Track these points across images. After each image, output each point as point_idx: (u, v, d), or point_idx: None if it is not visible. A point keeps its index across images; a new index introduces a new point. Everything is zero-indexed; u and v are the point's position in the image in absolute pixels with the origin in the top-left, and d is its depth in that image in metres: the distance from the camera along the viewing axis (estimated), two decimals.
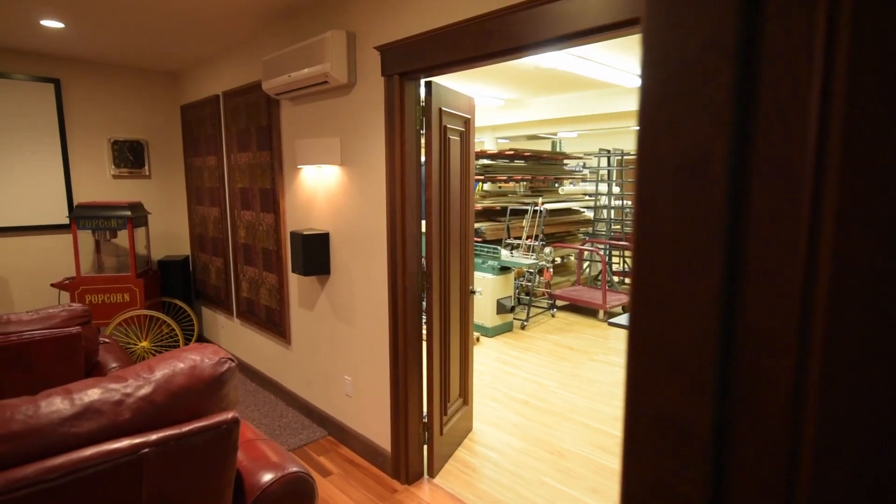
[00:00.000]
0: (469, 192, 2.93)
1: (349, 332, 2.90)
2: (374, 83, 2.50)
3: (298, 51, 2.69)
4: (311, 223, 3.10)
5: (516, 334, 5.18)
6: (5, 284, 3.92)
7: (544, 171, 6.79)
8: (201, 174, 4.34)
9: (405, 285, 2.51)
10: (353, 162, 2.70)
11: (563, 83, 5.17)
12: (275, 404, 3.54)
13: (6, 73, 3.80)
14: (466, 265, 2.97)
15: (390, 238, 2.50)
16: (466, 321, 3.01)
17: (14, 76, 3.83)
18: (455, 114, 2.68)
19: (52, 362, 2.21)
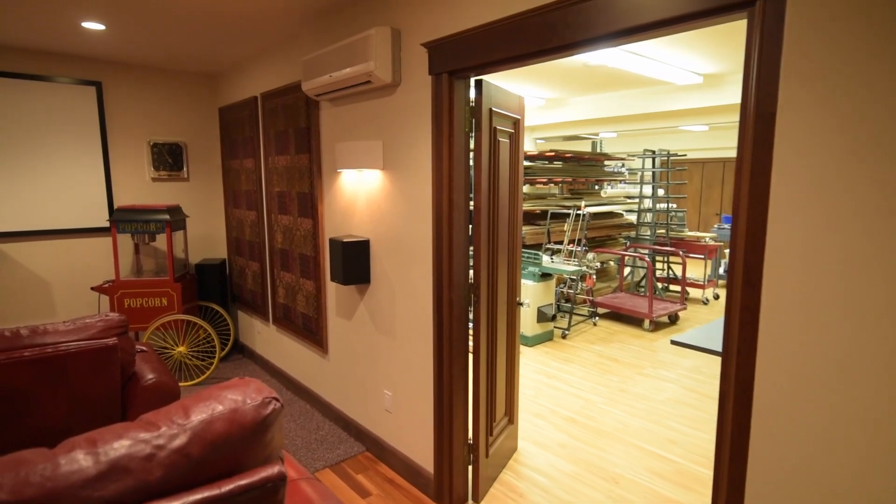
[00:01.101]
0: (518, 197, 2.75)
1: (389, 345, 2.75)
2: (420, 82, 2.35)
3: (340, 49, 2.56)
4: (351, 230, 2.97)
5: (557, 344, 4.96)
6: (48, 287, 3.95)
7: (585, 173, 6.53)
8: (238, 177, 4.29)
9: (451, 298, 2.34)
10: (396, 166, 2.56)
11: (609, 81, 4.92)
12: (311, 415, 3.44)
13: (51, 77, 3.82)
14: (514, 275, 2.79)
15: (436, 248, 2.34)
16: (513, 334, 2.83)
17: (58, 79, 3.85)
18: (505, 114, 2.50)
19: (88, 374, 2.14)
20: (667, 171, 6.60)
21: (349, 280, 2.77)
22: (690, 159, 10.60)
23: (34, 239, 3.87)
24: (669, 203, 6.80)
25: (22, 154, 3.75)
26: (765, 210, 1.29)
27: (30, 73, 3.73)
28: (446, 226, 2.30)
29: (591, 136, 7.40)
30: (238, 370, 4.28)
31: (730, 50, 3.80)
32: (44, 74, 3.79)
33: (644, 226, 6.81)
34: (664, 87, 5.14)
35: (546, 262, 5.00)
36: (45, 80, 3.80)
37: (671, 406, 3.60)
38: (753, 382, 1.34)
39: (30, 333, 2.10)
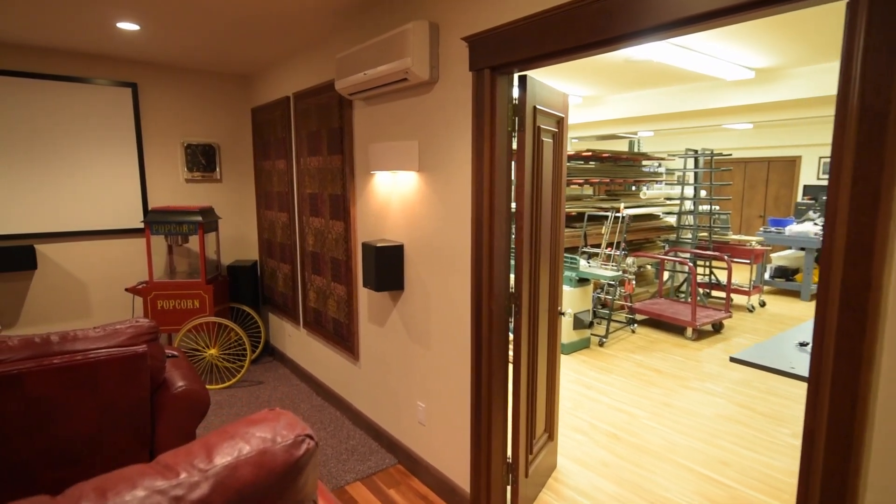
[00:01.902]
0: (560, 201, 2.59)
1: (423, 355, 2.63)
2: (459, 79, 2.21)
3: (375, 45, 2.45)
4: (384, 234, 2.86)
5: (594, 352, 4.76)
6: (84, 288, 3.98)
7: (623, 174, 6.29)
8: (270, 178, 4.24)
9: (491, 308, 2.20)
10: (432, 168, 2.43)
11: (652, 78, 4.69)
12: (341, 423, 3.35)
13: (89, 78, 3.84)
14: (556, 283, 2.63)
15: (475, 255, 2.20)
16: (554, 346, 2.67)
17: (96, 81, 3.87)
18: (549, 112, 2.35)
19: (117, 382, 2.08)
20: (710, 172, 6.29)
21: (382, 286, 2.66)
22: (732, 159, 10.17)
23: (71, 240, 3.90)
24: (712, 205, 6.49)
25: (61, 155, 3.78)
26: (873, 221, 1.10)
27: (69, 75, 3.76)
28: (487, 232, 2.16)
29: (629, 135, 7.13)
30: (268, 373, 4.23)
31: (787, 41, 3.54)
32: (82, 76, 3.81)
33: (685, 228, 6.52)
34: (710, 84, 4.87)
35: (583, 267, 4.80)
36: (83, 82, 3.82)
37: (721, 423, 3.37)
38: (856, 422, 1.15)
39: (59, 340, 2.06)
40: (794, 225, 7.10)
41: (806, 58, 3.97)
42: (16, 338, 2.00)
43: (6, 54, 3.53)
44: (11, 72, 3.54)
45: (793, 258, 7.34)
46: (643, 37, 1.58)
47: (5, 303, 3.68)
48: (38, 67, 3.65)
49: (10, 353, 1.93)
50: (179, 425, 2.33)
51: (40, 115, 3.68)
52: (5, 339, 1.96)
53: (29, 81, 3.62)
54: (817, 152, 9.16)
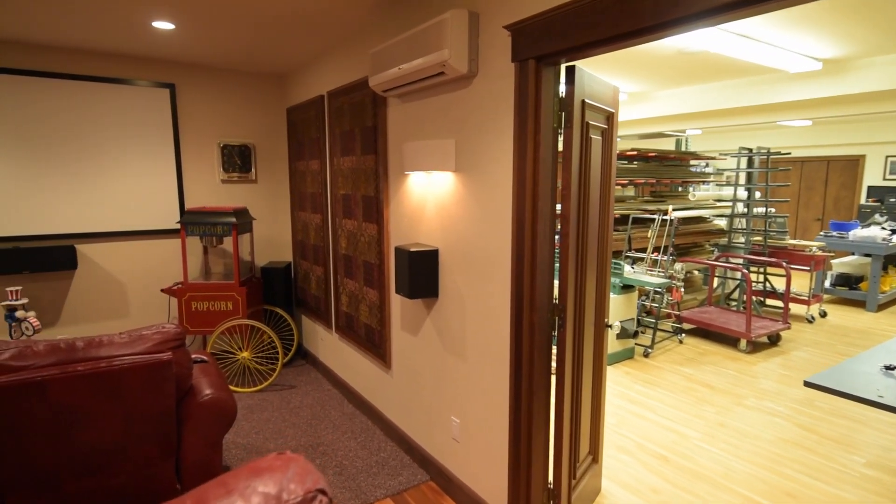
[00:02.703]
0: (609, 204, 2.38)
1: (458, 368, 2.47)
2: (500, 72, 2.04)
3: (411, 38, 2.30)
4: (418, 237, 2.71)
5: (639, 363, 4.48)
6: (123, 288, 4.01)
7: (670, 174, 5.95)
8: (304, 179, 4.18)
9: (532, 321, 2.02)
10: (469, 168, 2.27)
11: (705, 70, 4.38)
12: (372, 433, 3.22)
13: (129, 80, 3.86)
14: (603, 293, 2.42)
15: (516, 262, 2.03)
16: (600, 362, 2.46)
17: (136, 82, 3.89)
18: (598, 107, 2.15)
19: (142, 390, 2.01)
20: (766, 172, 5.88)
21: (415, 293, 2.52)
22: (789, 158, 9.57)
23: (110, 240, 3.93)
24: (768, 207, 6.07)
25: (101, 156, 3.82)
26: None
27: (110, 77, 3.79)
28: (529, 237, 1.98)
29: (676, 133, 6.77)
30: (301, 377, 4.16)
31: (861, 27, 3.20)
32: (123, 77, 3.84)
33: (737, 232, 6.12)
34: (770, 77, 4.52)
35: (628, 273, 4.53)
36: (123, 83, 3.85)
37: (784, 448, 3.07)
38: None
39: (85, 346, 2.00)
40: (859, 229, 6.57)
41: (882, 46, 3.60)
42: (42, 343, 1.95)
43: (50, 56, 3.58)
44: (55, 73, 3.59)
45: (856, 265, 6.80)
46: (713, 16, 1.38)
47: (47, 302, 3.74)
48: (81, 69, 3.69)
49: (35, 358, 1.88)
50: (205, 434, 2.26)
51: (82, 117, 3.72)
52: (31, 345, 1.92)
53: (72, 83, 3.66)
54: (883, 151, 8.50)
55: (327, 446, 3.06)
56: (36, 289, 3.69)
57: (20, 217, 3.57)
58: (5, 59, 3.45)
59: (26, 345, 1.91)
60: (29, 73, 3.51)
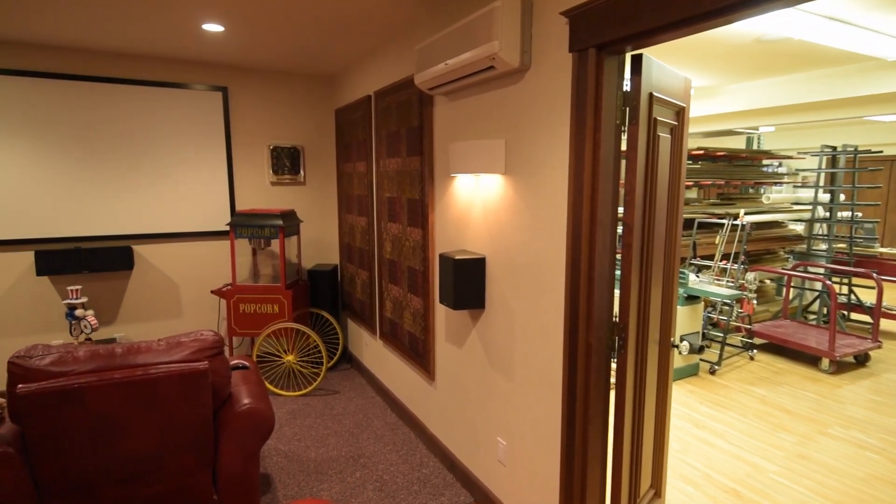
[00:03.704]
0: (678, 210, 2.12)
1: (505, 386, 2.28)
2: (556, 64, 1.85)
3: (458, 31, 2.14)
4: (464, 244, 2.55)
5: (704, 381, 4.12)
6: (176, 288, 4.09)
7: (740, 175, 5.49)
8: (351, 181, 4.11)
9: (589, 342, 1.81)
10: (520, 170, 2.08)
11: (785, 60, 3.97)
12: (414, 447, 3.09)
13: (184, 84, 3.93)
14: (669, 309, 2.16)
15: (570, 275, 1.82)
16: (665, 387, 2.20)
17: (191, 86, 3.95)
18: (668, 101, 1.90)
19: (178, 399, 1.96)
20: (852, 172, 5.30)
21: (460, 304, 2.36)
22: (878, 156, 8.70)
23: (165, 241, 4.02)
24: (854, 211, 5.48)
25: (157, 159, 3.90)
26: None
27: (166, 81, 3.87)
28: (586, 247, 1.77)
29: (748, 130, 6.25)
30: (345, 382, 4.10)
31: None
32: (178, 81, 3.91)
33: (818, 239, 5.56)
34: (861, 66, 4.04)
35: (693, 282, 4.18)
36: (179, 87, 3.91)
37: (879, 487, 2.68)
38: None
39: (124, 352, 1.98)
40: None
41: None
42: (82, 348, 1.94)
43: (110, 62, 3.69)
44: (115, 79, 3.70)
45: None
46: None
47: (106, 301, 3.86)
48: (139, 74, 3.78)
49: (75, 364, 1.87)
50: (242, 445, 2.19)
51: (140, 121, 3.81)
52: (72, 351, 1.91)
53: (130, 88, 3.76)
54: None
55: (368, 458, 2.95)
56: (95, 288, 3.81)
57: (81, 218, 3.70)
58: (68, 65, 3.57)
59: (67, 350, 1.90)
60: (89, 78, 3.63)
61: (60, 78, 3.54)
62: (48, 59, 3.51)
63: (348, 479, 2.75)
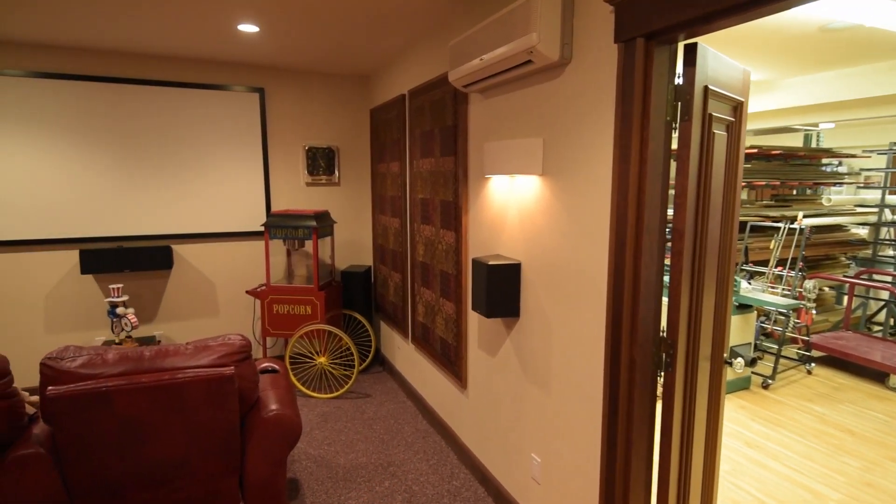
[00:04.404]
0: (734, 214, 1.94)
1: (541, 400, 2.15)
2: (599, 56, 1.71)
3: (494, 24, 2.03)
4: (499, 248, 2.43)
5: (757, 396, 3.85)
6: (213, 288, 4.13)
7: (798, 175, 5.13)
8: (385, 181, 4.06)
9: (633, 358, 1.66)
10: (559, 171, 1.95)
11: (853, 50, 3.65)
12: (445, 456, 2.99)
13: (224, 86, 3.97)
14: (722, 322, 1.98)
15: (613, 284, 1.68)
16: (716, 406, 2.02)
17: (230, 87, 3.99)
18: (724, 94, 1.73)
19: (204, 404, 1.93)
20: None
21: (493, 311, 2.24)
22: None
23: (203, 241, 4.07)
24: None
25: (196, 160, 3.95)
26: None
27: (205, 83, 3.91)
28: (631, 254, 1.62)
29: (807, 127, 5.85)
30: (377, 385, 4.05)
31: None
32: (217, 83, 3.95)
33: (884, 244, 5.14)
34: None
35: (745, 290, 3.91)
36: (218, 89, 3.95)
37: None
38: None
39: (152, 356, 1.97)
40: None
41: None
42: (112, 351, 1.94)
43: (153, 65, 3.76)
44: (155, 81, 3.76)
45: None
46: None
47: (146, 299, 3.94)
48: (179, 76, 3.84)
49: (104, 367, 1.87)
50: (269, 451, 2.15)
51: (180, 122, 3.87)
52: (102, 353, 1.91)
53: (171, 90, 3.82)
54: None
55: (398, 467, 2.88)
56: (136, 287, 3.89)
57: (123, 218, 3.78)
58: (114, 68, 3.66)
59: (97, 353, 1.90)
60: (133, 81, 3.70)
61: (106, 81, 3.63)
62: (95, 62, 3.60)
63: (377, 487, 2.68)
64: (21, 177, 3.50)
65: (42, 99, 3.49)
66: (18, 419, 1.88)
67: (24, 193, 3.52)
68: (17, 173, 3.49)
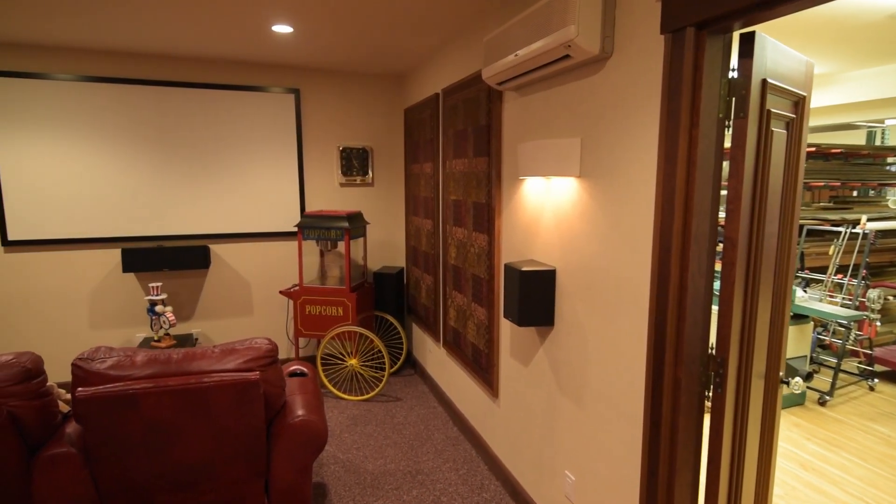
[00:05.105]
0: (793, 220, 1.77)
1: (575, 414, 2.03)
2: (644, 49, 1.58)
3: (529, 17, 1.92)
4: (533, 254, 2.32)
5: (812, 413, 3.58)
6: (248, 287, 4.18)
7: (861, 175, 4.76)
8: (418, 182, 3.99)
9: (677, 377, 1.53)
10: (598, 173, 1.82)
11: None
12: (476, 466, 2.90)
13: (261, 87, 4.00)
14: (778, 338, 1.81)
15: (657, 296, 1.55)
16: (771, 429, 1.85)
17: (268, 89, 4.02)
18: (785, 89, 1.57)
19: (229, 408, 1.91)
20: None
21: (525, 320, 2.13)
22: None
23: (239, 241, 4.12)
24: None
25: (233, 161, 4.00)
26: None
27: (242, 85, 3.95)
28: (676, 264, 1.49)
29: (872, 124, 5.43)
30: (408, 388, 4.00)
31: None
32: (254, 85, 3.98)
33: None
34: None
35: (801, 299, 3.65)
36: (254, 91, 3.99)
37: None
38: None
39: (180, 358, 1.96)
40: None
41: None
42: (141, 353, 1.95)
43: (191, 68, 3.82)
44: (193, 83, 3.82)
45: None
46: None
47: (184, 297, 4.02)
48: (217, 78, 3.89)
49: (133, 369, 1.87)
50: (294, 457, 2.11)
51: (218, 124, 3.93)
52: (131, 355, 1.92)
53: (209, 92, 3.87)
54: None
55: (426, 475, 2.81)
56: (174, 285, 3.97)
57: (163, 218, 3.87)
58: (151, 71, 3.74)
59: (126, 354, 1.91)
60: (172, 83, 3.77)
61: (147, 84, 3.72)
62: (136, 66, 3.69)
63: (405, 496, 2.61)
64: (69, 178, 3.62)
65: (89, 102, 3.60)
66: (52, 418, 1.91)
67: (72, 194, 3.64)
68: (66, 175, 3.61)
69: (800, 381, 2.96)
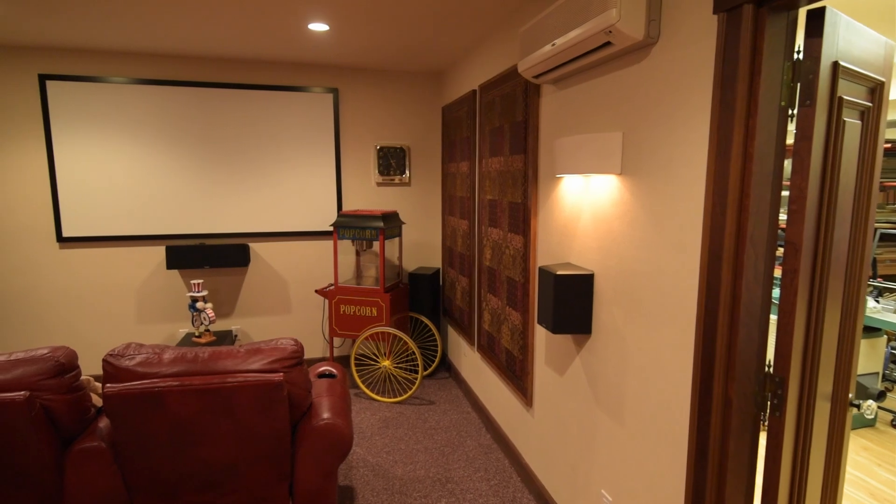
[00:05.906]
0: (867, 223, 1.56)
1: (613, 431, 1.89)
2: (694, 31, 1.42)
3: (567, 3, 1.80)
4: (570, 256, 2.19)
5: (884, 436, 3.25)
6: (286, 286, 4.21)
7: None
8: (454, 182, 3.91)
9: (728, 396, 1.37)
10: (641, 170, 1.68)
11: None
12: (508, 476, 2.79)
13: (301, 87, 4.02)
14: (848, 355, 1.61)
15: (706, 305, 1.39)
16: (837, 455, 1.65)
17: (309, 89, 4.04)
18: (859, 73, 1.38)
19: (252, 410, 1.88)
20: None
21: (560, 327, 2.00)
22: None
23: (277, 240, 4.16)
24: None
25: (273, 161, 4.05)
26: None
27: (282, 85, 3.99)
28: (728, 271, 1.33)
29: None
30: (441, 392, 3.92)
31: None
32: (294, 85, 4.01)
33: None
34: None
35: (873, 310, 3.32)
36: (294, 91, 4.02)
37: None
38: None
39: (207, 357, 1.95)
40: None
41: None
42: (169, 350, 1.95)
43: (232, 68, 3.88)
44: (233, 84, 3.89)
45: None
46: None
47: (224, 294, 4.09)
48: (258, 79, 3.94)
49: (160, 367, 1.87)
50: (318, 461, 2.07)
51: (259, 124, 3.98)
52: (159, 353, 1.93)
53: (250, 92, 3.93)
54: None
55: (456, 484, 2.71)
56: (215, 282, 4.05)
57: (205, 216, 3.95)
58: (194, 73, 3.82)
59: (154, 352, 1.91)
60: (214, 84, 3.85)
61: (190, 85, 3.80)
62: (179, 68, 3.79)
63: None
64: (119, 177, 3.75)
65: (137, 103, 3.72)
66: (85, 412, 1.94)
67: (121, 192, 3.77)
68: (116, 174, 3.74)
69: (872, 404, 2.68)
